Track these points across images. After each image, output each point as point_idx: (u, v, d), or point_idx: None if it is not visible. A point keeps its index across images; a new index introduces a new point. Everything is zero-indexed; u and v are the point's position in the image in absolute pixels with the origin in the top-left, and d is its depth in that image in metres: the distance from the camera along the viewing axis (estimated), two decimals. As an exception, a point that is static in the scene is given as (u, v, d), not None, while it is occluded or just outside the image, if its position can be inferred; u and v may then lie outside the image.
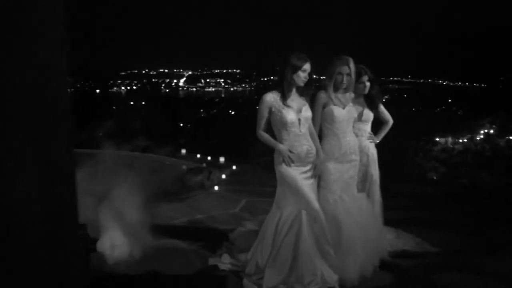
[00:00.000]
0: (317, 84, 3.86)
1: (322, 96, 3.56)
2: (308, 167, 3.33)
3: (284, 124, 3.25)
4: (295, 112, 3.27)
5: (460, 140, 7.52)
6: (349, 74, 3.49)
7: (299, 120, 3.27)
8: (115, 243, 3.60)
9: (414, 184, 6.55)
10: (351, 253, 3.35)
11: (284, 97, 3.28)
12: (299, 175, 3.27)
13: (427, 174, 6.85)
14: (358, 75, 3.81)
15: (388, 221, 4.34)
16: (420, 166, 6.91)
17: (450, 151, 7.26)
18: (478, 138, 7.64)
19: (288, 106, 3.26)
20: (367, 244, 3.47)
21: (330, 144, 3.56)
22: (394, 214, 4.87)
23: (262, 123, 3.32)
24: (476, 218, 4.95)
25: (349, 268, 3.33)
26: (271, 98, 3.29)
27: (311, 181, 3.33)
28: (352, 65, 3.48)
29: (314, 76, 3.53)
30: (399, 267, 3.64)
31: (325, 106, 3.55)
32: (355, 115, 3.72)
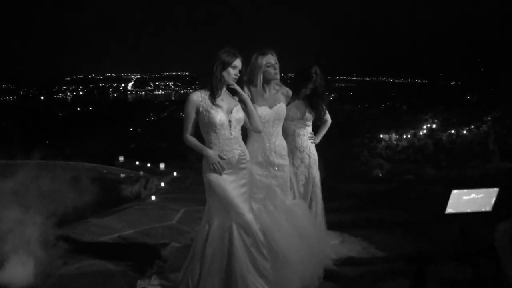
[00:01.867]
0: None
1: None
2: (241, 174, 3.01)
3: (212, 126, 2.92)
4: (225, 113, 2.94)
5: (404, 136, 7.53)
6: (276, 66, 3.28)
7: (230, 121, 2.95)
8: (20, 271, 3.09)
9: (360, 182, 6.43)
10: (288, 265, 3.06)
11: (213, 96, 2.94)
12: (229, 184, 2.94)
13: (373, 172, 6.75)
14: (308, 78, 3.67)
15: (333, 225, 4.13)
16: (365, 164, 6.81)
17: (395, 147, 7.23)
18: (421, 133, 7.68)
19: (217, 106, 2.93)
20: (307, 254, 3.19)
21: (253, 146, 3.27)
22: (339, 216, 4.68)
23: (189, 125, 2.97)
24: (422, 216, 4.83)
25: (288, 282, 3.03)
26: (199, 97, 2.95)
27: (244, 189, 3.00)
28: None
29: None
30: (345, 277, 3.39)
31: None
32: (283, 116, 3.43)
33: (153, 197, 5.75)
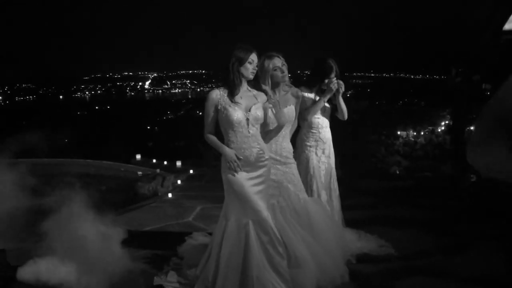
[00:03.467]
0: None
1: None
2: (259, 171, 3.00)
3: (230, 124, 2.93)
4: (243, 111, 2.94)
5: (422, 133, 7.41)
6: (284, 69, 3.29)
7: (247, 120, 2.95)
8: (39, 269, 3.15)
9: (377, 179, 6.36)
10: (300, 264, 3.05)
11: (231, 93, 2.95)
12: (247, 181, 2.95)
13: (390, 169, 6.66)
14: (330, 69, 3.69)
15: (350, 222, 4.11)
16: (382, 161, 6.72)
17: (412, 144, 7.12)
18: (439, 130, 7.55)
19: (236, 104, 2.93)
20: (322, 252, 3.18)
21: None
22: (356, 214, 4.65)
23: (209, 123, 3.00)
24: (442, 213, 4.77)
25: (304, 280, 3.02)
26: (218, 95, 2.97)
27: (261, 187, 3.00)
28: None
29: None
30: (361, 274, 3.37)
31: None
32: (293, 118, 3.44)
33: (169, 195, 5.79)
